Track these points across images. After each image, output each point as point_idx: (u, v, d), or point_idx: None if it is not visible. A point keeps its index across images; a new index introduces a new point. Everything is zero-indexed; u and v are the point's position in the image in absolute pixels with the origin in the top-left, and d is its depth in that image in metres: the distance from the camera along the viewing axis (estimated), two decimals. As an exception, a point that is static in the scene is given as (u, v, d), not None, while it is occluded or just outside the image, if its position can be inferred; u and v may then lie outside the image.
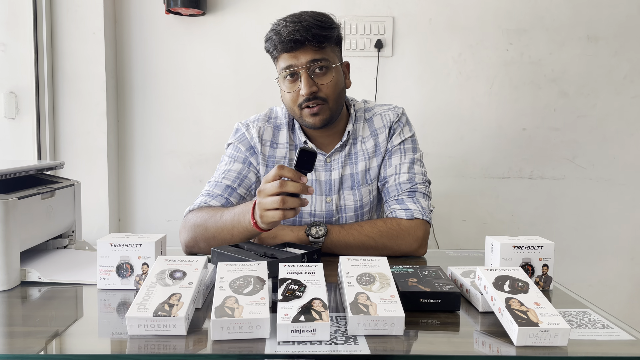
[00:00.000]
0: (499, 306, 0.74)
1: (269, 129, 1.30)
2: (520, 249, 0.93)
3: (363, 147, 1.30)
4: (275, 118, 1.32)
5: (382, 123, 1.31)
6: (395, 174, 1.26)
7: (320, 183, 1.28)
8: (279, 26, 1.16)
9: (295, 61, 1.16)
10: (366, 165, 1.29)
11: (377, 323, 0.71)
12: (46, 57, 1.99)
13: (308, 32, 1.13)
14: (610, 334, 0.75)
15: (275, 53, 1.19)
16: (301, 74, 1.16)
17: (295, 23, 1.14)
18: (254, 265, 0.81)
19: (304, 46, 1.15)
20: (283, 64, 1.18)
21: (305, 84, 1.15)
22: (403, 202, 1.22)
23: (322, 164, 1.29)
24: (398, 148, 1.29)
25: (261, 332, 0.69)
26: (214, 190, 1.24)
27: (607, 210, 2.21)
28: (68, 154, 2.06)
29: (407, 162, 1.27)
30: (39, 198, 1.03)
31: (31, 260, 1.05)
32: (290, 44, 1.14)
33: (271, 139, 1.29)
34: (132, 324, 0.70)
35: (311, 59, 1.16)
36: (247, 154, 1.28)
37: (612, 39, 2.13)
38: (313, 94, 1.16)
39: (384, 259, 0.87)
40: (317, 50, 1.16)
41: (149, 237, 0.92)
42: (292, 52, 1.15)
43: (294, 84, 1.18)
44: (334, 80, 1.20)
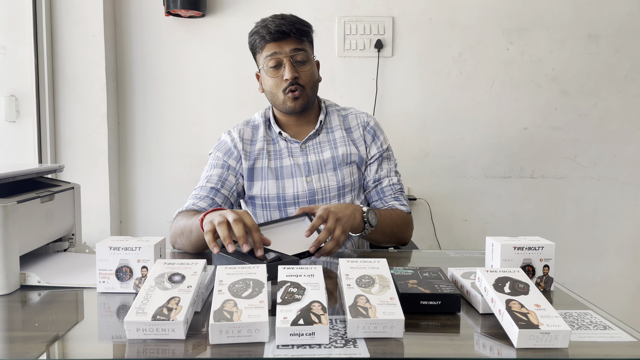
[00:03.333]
0: (499, 308, 0.74)
1: (248, 130, 1.45)
2: (520, 250, 0.92)
3: (343, 134, 1.44)
4: (253, 120, 1.48)
5: (357, 122, 1.47)
6: (388, 177, 1.44)
7: (299, 166, 1.41)
8: (265, 22, 1.32)
9: (279, 49, 1.31)
10: (347, 150, 1.42)
11: (377, 326, 0.71)
12: (46, 60, 1.99)
13: (292, 25, 1.30)
14: (611, 335, 0.74)
15: (262, 44, 1.33)
16: (285, 62, 1.31)
17: (280, 18, 1.32)
18: (253, 268, 0.81)
19: (289, 37, 1.31)
20: (267, 52, 1.32)
21: (289, 70, 1.30)
22: (399, 199, 1.42)
23: (299, 150, 1.42)
24: (386, 155, 1.46)
25: (260, 336, 0.69)
26: (200, 193, 1.36)
27: (608, 209, 2.20)
28: (69, 157, 2.06)
29: (394, 166, 1.47)
30: (38, 202, 1.03)
31: (31, 264, 1.05)
32: (277, 35, 1.29)
33: (251, 138, 1.43)
34: (131, 328, 0.70)
35: (294, 47, 1.31)
36: (225, 158, 1.41)
37: (613, 38, 2.12)
38: (295, 79, 1.31)
39: (383, 260, 0.87)
40: (299, 42, 1.32)
41: (148, 240, 0.92)
42: (278, 41, 1.30)
43: (277, 71, 1.33)
44: (311, 70, 1.36)
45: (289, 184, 1.39)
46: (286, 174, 1.39)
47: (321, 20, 2.10)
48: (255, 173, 1.40)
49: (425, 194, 2.19)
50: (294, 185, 1.39)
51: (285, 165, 1.40)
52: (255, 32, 1.34)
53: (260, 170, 1.40)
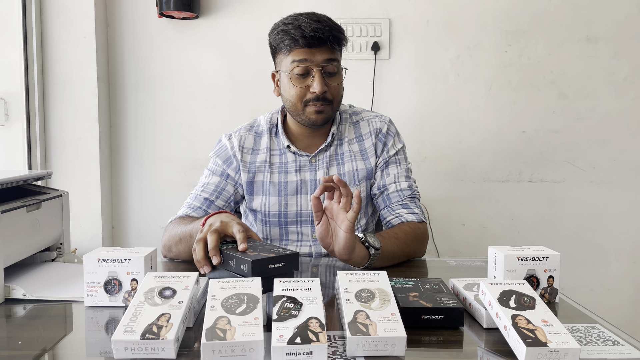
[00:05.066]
0: (505, 324, 0.71)
1: (250, 137, 1.32)
2: (524, 261, 0.89)
3: (349, 148, 1.32)
4: (257, 126, 1.35)
5: (369, 129, 1.34)
6: (396, 182, 1.30)
7: (305, 183, 1.30)
8: (298, 21, 1.16)
9: (311, 57, 1.17)
10: (353, 167, 1.31)
11: (378, 344, 0.68)
12: (36, 62, 1.95)
13: (329, 32, 1.16)
14: (621, 352, 0.71)
15: (291, 46, 1.18)
16: (314, 72, 1.18)
17: (316, 21, 1.16)
18: (247, 282, 0.78)
19: (324, 45, 1.17)
20: (296, 57, 1.18)
21: (319, 83, 1.17)
22: (408, 207, 1.27)
23: (307, 164, 1.31)
24: (394, 158, 1.33)
25: (255, 356, 0.65)
26: (194, 203, 1.28)
27: (608, 213, 2.18)
28: (59, 161, 2.02)
29: (404, 171, 1.32)
30: (24, 211, 0.99)
31: (16, 275, 1.01)
32: (312, 40, 1.15)
33: (252, 147, 1.32)
34: (119, 347, 0.66)
35: (327, 58, 1.18)
36: (224, 167, 1.31)
37: (612, 40, 2.10)
38: (323, 94, 1.19)
39: (383, 273, 0.83)
40: (332, 51, 1.20)
41: (138, 252, 0.88)
42: (311, 48, 1.17)
43: (303, 80, 1.19)
44: (340, 84, 1.25)
45: (292, 202, 1.29)
46: (290, 191, 1.28)
47: (317, 22, 2.07)
48: (256, 187, 1.30)
49: (422, 198, 2.13)
50: (298, 203, 1.29)
51: (290, 180, 1.29)
52: (284, 31, 1.18)
53: (261, 184, 1.30)
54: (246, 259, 0.83)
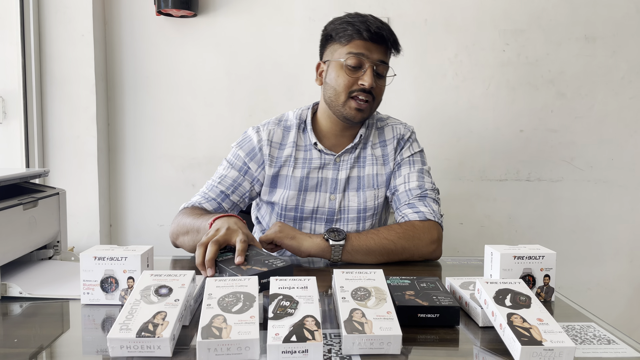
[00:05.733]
0: (500, 322, 0.71)
1: (279, 131, 1.33)
2: (520, 259, 0.90)
3: (372, 152, 1.34)
4: (286, 120, 1.36)
5: (392, 134, 1.36)
6: (405, 182, 1.29)
7: (326, 181, 1.31)
8: (365, 17, 1.22)
9: (368, 53, 1.21)
10: (373, 171, 1.32)
11: (373, 342, 0.68)
12: (34, 60, 1.95)
13: (390, 35, 1.22)
14: (616, 350, 0.72)
15: (352, 37, 1.21)
16: (367, 67, 1.21)
17: (381, 22, 1.23)
18: (244, 280, 0.78)
19: (383, 45, 1.22)
20: (353, 49, 1.21)
21: (370, 76, 1.20)
22: (414, 206, 1.24)
23: (332, 163, 1.32)
24: (407, 160, 1.33)
25: (250, 354, 0.65)
26: (209, 194, 1.28)
27: (605, 212, 2.19)
28: (57, 159, 2.02)
29: (416, 171, 1.31)
30: (20, 209, 0.99)
31: (13, 273, 1.01)
32: (375, 36, 1.19)
33: (280, 141, 1.32)
34: (114, 345, 0.66)
35: (381, 59, 1.23)
36: (246, 160, 1.30)
37: (610, 39, 2.10)
38: (371, 88, 1.21)
39: (379, 271, 0.83)
40: (387, 55, 1.25)
41: (135, 250, 0.88)
42: (372, 43, 1.20)
43: (355, 72, 1.22)
44: (384, 87, 1.28)
45: (310, 197, 1.30)
46: (310, 187, 1.30)
47: (315, 21, 2.07)
48: (279, 180, 1.30)
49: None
50: (316, 199, 1.30)
51: (312, 176, 1.30)
52: (348, 22, 1.21)
53: (284, 178, 1.30)
54: (237, 275, 0.84)
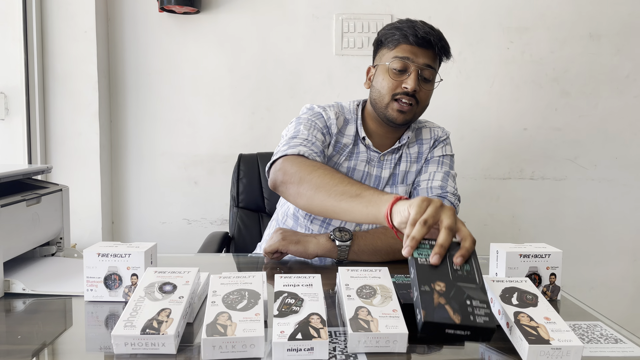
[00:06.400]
0: (507, 321, 0.70)
1: (342, 118, 1.34)
2: (526, 258, 0.89)
3: (407, 151, 1.36)
4: (345, 112, 1.36)
5: (430, 135, 1.38)
6: (429, 180, 1.30)
7: (370, 177, 1.33)
8: (413, 22, 1.23)
9: (413, 57, 1.22)
10: (407, 168, 1.35)
11: (379, 340, 0.67)
12: (36, 57, 1.94)
13: (439, 40, 1.22)
14: (623, 349, 0.71)
15: (399, 41, 1.23)
16: (412, 70, 1.22)
17: (430, 27, 1.23)
18: (249, 277, 0.77)
19: (429, 50, 1.23)
20: (399, 53, 1.23)
21: (414, 80, 1.21)
22: None
23: (376, 160, 1.34)
24: (437, 159, 1.34)
25: (255, 352, 0.65)
26: (314, 147, 1.20)
27: (609, 211, 2.18)
28: (59, 156, 2.01)
29: (442, 172, 1.32)
30: (23, 205, 0.98)
31: (16, 270, 1.00)
32: (422, 40, 1.20)
33: (341, 128, 1.33)
34: (119, 342, 0.66)
35: (427, 63, 1.23)
36: (325, 131, 1.29)
37: (615, 37, 2.09)
38: (413, 92, 1.22)
39: (385, 269, 0.83)
40: (435, 59, 1.25)
41: (138, 247, 0.88)
42: (418, 47, 1.22)
43: (399, 75, 1.23)
44: (431, 91, 1.28)
45: None
46: (355, 178, 1.29)
47: (319, 18, 2.06)
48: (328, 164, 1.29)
49: (423, 195, 2.15)
50: None
51: (358, 169, 1.31)
52: (396, 27, 1.24)
53: (333, 164, 1.30)
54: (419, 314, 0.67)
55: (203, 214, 2.15)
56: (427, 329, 0.66)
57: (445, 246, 0.76)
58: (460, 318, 0.66)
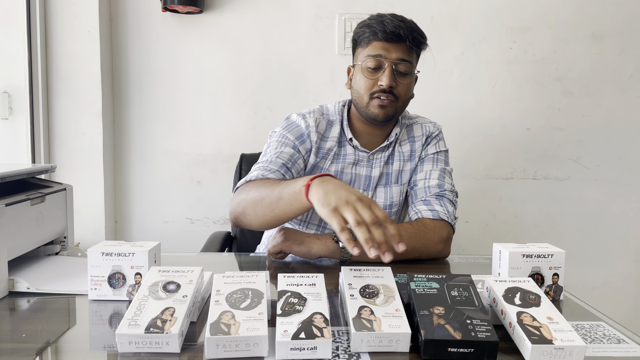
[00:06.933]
0: (510, 321, 0.71)
1: (324, 122, 1.33)
2: (529, 258, 0.89)
3: (399, 149, 1.35)
4: (328, 114, 1.35)
5: (422, 132, 1.36)
6: (426, 179, 1.29)
7: (359, 177, 1.32)
8: (383, 17, 1.22)
9: (386, 53, 1.21)
10: (400, 167, 1.33)
11: (382, 339, 0.68)
12: (40, 56, 1.95)
13: (410, 32, 1.20)
14: (626, 349, 0.71)
15: (370, 39, 1.22)
16: (386, 67, 1.21)
17: (400, 20, 1.21)
18: (252, 277, 0.77)
19: (401, 43, 1.20)
20: (372, 51, 1.22)
21: (389, 76, 1.20)
22: (430, 203, 1.23)
23: (365, 160, 1.32)
24: (432, 157, 1.33)
25: (259, 350, 0.65)
26: (270, 166, 1.22)
27: (612, 211, 2.18)
28: (63, 155, 2.02)
29: (439, 170, 1.31)
30: (28, 204, 0.99)
31: (20, 269, 1.01)
32: (392, 35, 1.19)
33: (323, 132, 1.32)
34: (123, 341, 0.66)
35: (401, 57, 1.21)
36: (296, 143, 1.28)
37: (618, 37, 2.09)
38: (390, 88, 1.21)
39: (388, 269, 0.83)
40: (409, 52, 1.22)
41: (142, 246, 0.88)
42: (389, 43, 1.20)
43: (374, 73, 1.22)
44: (409, 84, 1.26)
45: None
46: (344, 182, 1.26)
47: (321, 18, 2.06)
48: (314, 172, 1.29)
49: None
50: None
51: (346, 172, 1.31)
52: (366, 25, 1.23)
53: (319, 170, 1.29)
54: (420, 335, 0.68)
55: (206, 213, 2.16)
56: (429, 348, 0.66)
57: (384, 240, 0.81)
58: (461, 335, 0.66)
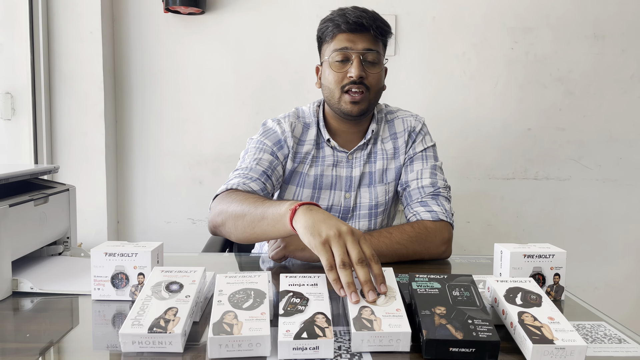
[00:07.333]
0: (511, 321, 0.71)
1: (299, 126, 1.31)
2: (530, 258, 0.89)
3: (382, 147, 1.32)
4: (304, 117, 1.33)
5: (403, 127, 1.34)
6: (418, 179, 1.27)
7: (340, 179, 1.30)
8: (344, 10, 1.21)
9: (352, 45, 1.19)
10: (384, 165, 1.31)
11: (382, 339, 0.68)
12: (43, 57, 1.96)
13: (373, 21, 1.19)
14: (627, 349, 0.71)
15: (334, 33, 1.21)
16: (353, 58, 1.19)
17: (362, 11, 1.21)
18: (254, 277, 0.78)
19: (366, 32, 1.19)
20: (337, 45, 1.20)
21: (357, 67, 1.18)
22: (427, 205, 1.22)
23: (345, 160, 1.31)
24: (420, 155, 1.31)
25: (261, 350, 0.66)
26: (251, 174, 1.20)
27: (613, 211, 2.18)
28: (65, 156, 2.03)
29: (429, 168, 1.29)
30: (31, 205, 0.99)
31: (24, 269, 1.01)
32: (355, 26, 1.18)
33: (300, 136, 1.30)
34: (126, 341, 0.67)
35: (367, 47, 1.20)
36: (275, 149, 1.27)
37: (619, 37, 2.09)
38: (360, 79, 1.19)
39: (389, 270, 0.83)
40: (374, 41, 1.21)
41: (145, 246, 0.89)
42: (354, 33, 1.19)
43: (342, 66, 1.21)
44: (379, 74, 1.24)
45: (324, 196, 1.28)
46: (325, 185, 1.28)
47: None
48: (294, 177, 1.28)
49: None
50: (330, 198, 1.29)
51: (326, 174, 1.29)
52: (329, 19, 1.22)
53: (299, 175, 1.28)
54: (422, 335, 0.68)
55: (208, 213, 2.16)
56: (431, 348, 0.67)
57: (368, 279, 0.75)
58: (462, 334, 0.67)
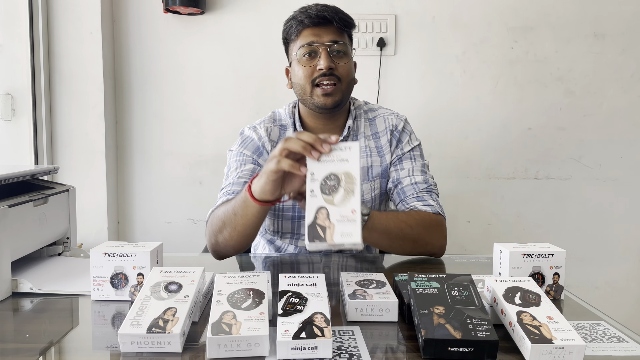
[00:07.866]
0: (510, 320, 0.71)
1: (276, 130, 1.31)
2: (530, 257, 0.89)
3: (366, 144, 1.32)
4: (280, 120, 1.34)
5: (385, 125, 1.34)
6: (410, 176, 1.28)
7: None
8: (305, 8, 1.22)
9: (317, 38, 1.20)
10: (367, 163, 1.31)
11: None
12: (43, 58, 1.96)
13: (335, 14, 1.20)
14: (626, 349, 0.71)
15: (298, 29, 1.21)
16: (321, 51, 1.20)
17: (323, 5, 1.22)
18: (253, 277, 0.78)
19: (330, 25, 1.20)
20: (303, 41, 1.21)
21: (325, 59, 1.18)
22: (423, 199, 1.23)
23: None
24: (409, 154, 1.31)
25: (260, 350, 0.66)
26: (233, 188, 1.22)
27: (614, 210, 2.17)
28: (65, 156, 2.03)
29: (419, 166, 1.30)
30: (31, 205, 0.99)
31: (23, 269, 1.02)
32: (318, 20, 1.19)
33: (277, 139, 1.30)
34: (125, 341, 0.67)
35: (333, 39, 1.20)
36: (254, 157, 1.28)
37: (619, 37, 2.09)
38: (330, 70, 1.19)
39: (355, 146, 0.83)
40: (339, 33, 1.23)
41: (144, 246, 0.89)
42: (318, 27, 1.20)
43: (311, 60, 1.21)
44: (349, 64, 1.24)
45: None
46: None
47: (322, 18, 2.06)
48: None
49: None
50: None
51: None
52: (292, 18, 1.23)
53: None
54: (420, 335, 0.69)
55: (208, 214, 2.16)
56: (430, 347, 0.67)
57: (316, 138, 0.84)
58: (461, 334, 0.67)
